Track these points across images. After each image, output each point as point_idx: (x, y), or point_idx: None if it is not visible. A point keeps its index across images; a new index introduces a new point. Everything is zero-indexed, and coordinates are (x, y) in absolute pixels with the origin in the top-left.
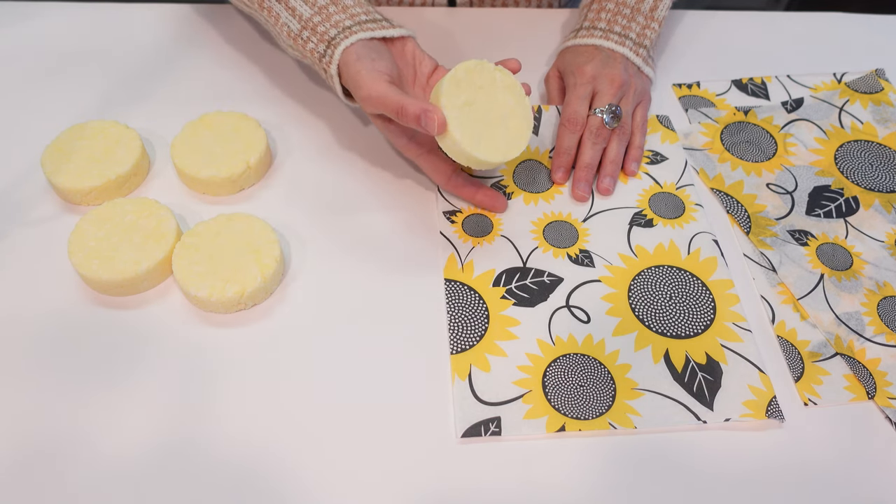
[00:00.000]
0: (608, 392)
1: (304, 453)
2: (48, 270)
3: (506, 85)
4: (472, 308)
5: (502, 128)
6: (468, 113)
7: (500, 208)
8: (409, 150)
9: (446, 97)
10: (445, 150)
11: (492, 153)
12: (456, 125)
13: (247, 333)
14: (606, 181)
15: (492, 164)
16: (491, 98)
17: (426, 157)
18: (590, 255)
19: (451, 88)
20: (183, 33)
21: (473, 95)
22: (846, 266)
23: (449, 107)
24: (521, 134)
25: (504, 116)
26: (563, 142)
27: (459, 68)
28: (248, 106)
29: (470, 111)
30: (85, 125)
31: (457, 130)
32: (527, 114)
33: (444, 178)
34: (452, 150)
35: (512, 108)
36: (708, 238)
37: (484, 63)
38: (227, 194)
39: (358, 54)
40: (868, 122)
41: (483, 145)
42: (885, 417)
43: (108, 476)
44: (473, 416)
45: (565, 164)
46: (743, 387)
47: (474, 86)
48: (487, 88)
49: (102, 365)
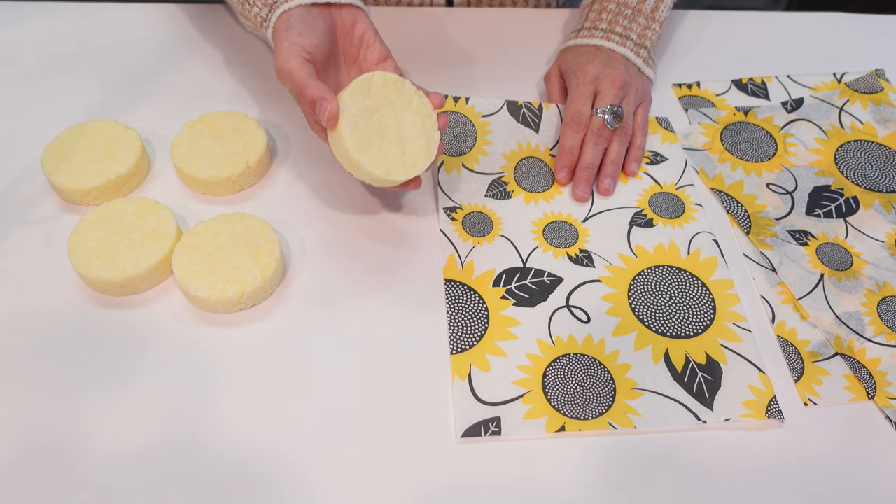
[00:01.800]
0: (608, 392)
1: (304, 453)
2: (48, 270)
3: (420, 111)
4: (471, 308)
5: (397, 149)
6: (367, 118)
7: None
8: (318, 132)
9: (350, 95)
10: (333, 147)
11: (375, 164)
12: (348, 123)
13: (247, 333)
14: (607, 181)
15: (372, 175)
16: (398, 117)
17: None
18: (590, 255)
19: (359, 89)
20: (183, 33)
21: (380, 106)
22: (846, 266)
23: (350, 105)
24: (416, 163)
25: (404, 139)
26: (566, 141)
27: (377, 75)
28: (248, 106)
29: (370, 118)
30: (85, 125)
31: (346, 128)
32: (430, 146)
33: None
34: (338, 148)
35: (416, 135)
36: (708, 238)
37: (405, 83)
38: (227, 194)
39: (289, 23)
40: (868, 122)
41: (370, 154)
42: (885, 417)
43: (108, 475)
44: (473, 416)
45: (569, 164)
46: (743, 387)
47: (386, 98)
48: (398, 106)
49: (102, 365)
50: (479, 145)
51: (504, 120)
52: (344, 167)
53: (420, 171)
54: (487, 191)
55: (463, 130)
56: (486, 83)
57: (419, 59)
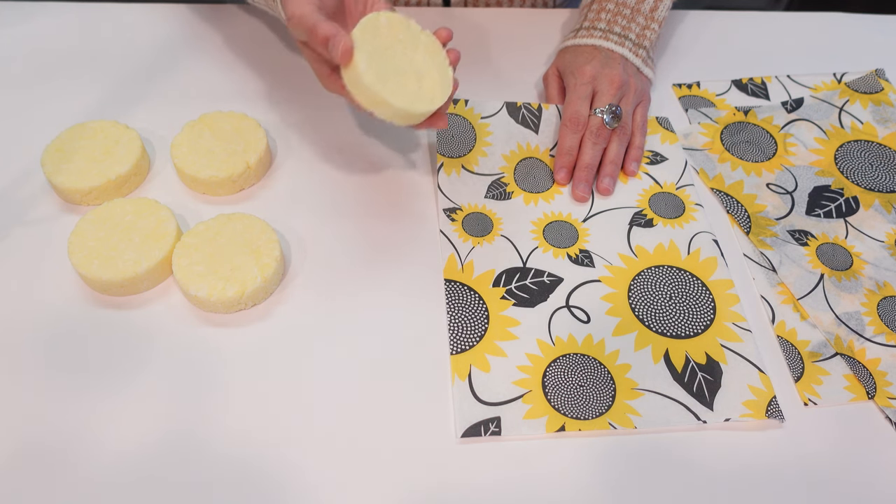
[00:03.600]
0: (608, 392)
1: (304, 453)
2: (48, 270)
3: (429, 49)
4: (471, 308)
5: (414, 82)
6: (381, 54)
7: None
8: (331, 84)
9: (360, 32)
10: (350, 86)
11: (398, 96)
12: (363, 58)
13: (247, 333)
14: (606, 181)
15: (396, 108)
16: (409, 54)
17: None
18: (590, 255)
19: (368, 28)
20: (183, 33)
21: (391, 44)
22: (846, 266)
23: (362, 42)
24: (434, 95)
25: (420, 74)
26: (565, 142)
27: (382, 15)
28: (248, 106)
29: (384, 54)
30: (85, 125)
31: (363, 63)
32: (445, 80)
33: None
34: (357, 85)
35: (429, 69)
36: (708, 238)
37: (411, 21)
38: (227, 194)
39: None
40: (868, 122)
41: (389, 86)
42: (885, 417)
43: (108, 475)
44: (473, 416)
45: (567, 165)
46: (743, 387)
47: (394, 37)
48: (408, 44)
49: (102, 365)
50: (479, 147)
51: (503, 121)
52: (364, 106)
53: (439, 103)
54: (487, 192)
55: (462, 132)
56: (482, 83)
57: None
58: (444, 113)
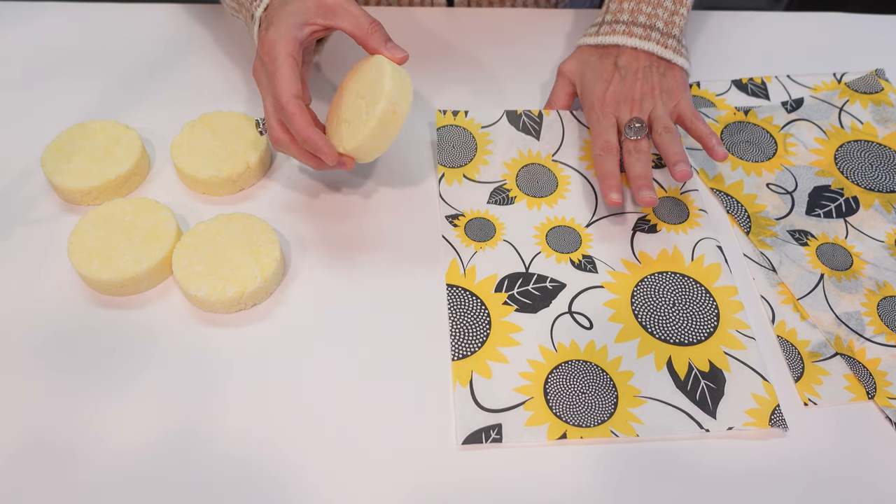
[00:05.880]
0: (610, 399)
1: (304, 455)
2: (48, 270)
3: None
4: (473, 314)
5: (370, 106)
6: None
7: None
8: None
9: None
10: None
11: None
12: None
13: (247, 333)
14: (643, 193)
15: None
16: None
17: None
18: (593, 261)
19: None
20: (183, 33)
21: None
22: (846, 266)
23: None
24: (392, 99)
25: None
26: (604, 168)
27: None
28: (248, 106)
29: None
30: (85, 125)
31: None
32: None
33: None
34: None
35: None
36: (712, 244)
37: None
38: (227, 194)
39: None
40: (868, 122)
41: (355, 132)
42: (885, 417)
43: (108, 475)
44: (474, 422)
45: (616, 186)
46: (746, 395)
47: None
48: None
49: (102, 365)
50: (480, 155)
51: (504, 129)
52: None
53: (403, 100)
54: (490, 198)
55: (463, 143)
56: (486, 83)
57: (419, 60)
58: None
